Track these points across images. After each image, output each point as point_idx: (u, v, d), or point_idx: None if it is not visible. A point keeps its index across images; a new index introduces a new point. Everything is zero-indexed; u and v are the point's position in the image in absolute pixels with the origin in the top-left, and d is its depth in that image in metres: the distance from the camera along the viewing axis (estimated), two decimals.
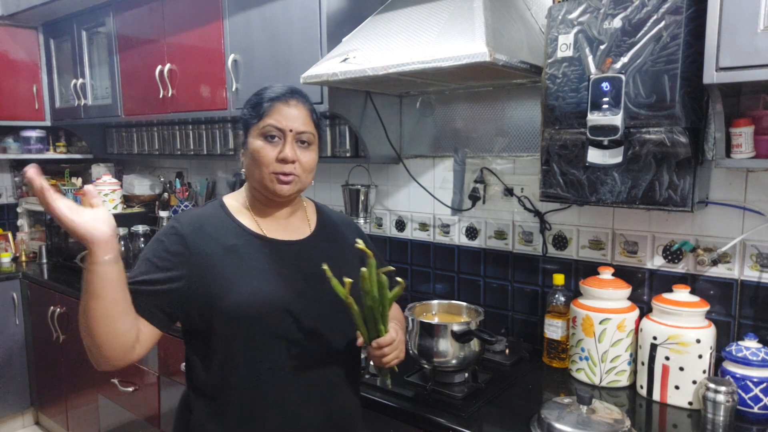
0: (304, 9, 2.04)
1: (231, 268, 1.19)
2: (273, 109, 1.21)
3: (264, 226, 1.28)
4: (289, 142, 1.21)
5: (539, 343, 1.94)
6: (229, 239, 1.22)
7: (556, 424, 1.30)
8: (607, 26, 1.43)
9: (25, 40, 3.49)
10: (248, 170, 1.26)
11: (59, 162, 3.82)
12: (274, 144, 1.21)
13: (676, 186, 1.40)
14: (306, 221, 1.36)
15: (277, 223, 1.30)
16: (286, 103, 1.22)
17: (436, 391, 1.59)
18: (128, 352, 1.11)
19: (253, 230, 1.26)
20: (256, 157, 1.21)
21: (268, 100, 1.22)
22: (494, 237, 2.10)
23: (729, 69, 1.22)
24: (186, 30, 2.56)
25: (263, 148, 1.20)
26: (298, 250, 1.28)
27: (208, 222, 1.24)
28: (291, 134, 1.21)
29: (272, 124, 1.20)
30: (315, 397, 1.24)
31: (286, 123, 1.20)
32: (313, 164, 1.26)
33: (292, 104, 1.22)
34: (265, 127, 1.20)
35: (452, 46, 1.51)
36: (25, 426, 3.48)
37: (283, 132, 1.20)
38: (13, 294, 3.27)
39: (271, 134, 1.20)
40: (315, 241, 1.33)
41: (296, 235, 1.31)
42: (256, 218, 1.28)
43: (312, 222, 1.37)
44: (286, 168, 1.20)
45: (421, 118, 2.26)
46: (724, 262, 1.61)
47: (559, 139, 1.56)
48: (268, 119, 1.20)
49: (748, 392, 1.42)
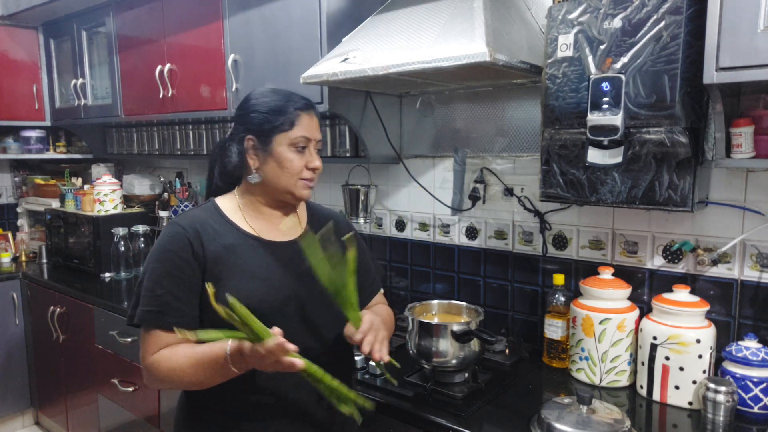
0: (304, 9, 2.04)
1: (231, 268, 1.23)
2: (301, 120, 1.27)
3: (257, 226, 1.32)
4: (314, 152, 1.30)
5: (539, 343, 1.94)
6: (227, 239, 1.26)
7: (556, 424, 1.30)
8: (607, 26, 1.43)
9: (25, 40, 3.49)
10: (271, 175, 1.29)
11: (59, 162, 3.83)
12: (301, 153, 1.28)
13: (676, 186, 1.40)
14: (296, 220, 1.41)
15: (270, 224, 1.35)
16: (309, 114, 1.29)
17: (436, 391, 1.59)
18: None
19: (248, 231, 1.30)
20: (287, 165, 1.27)
21: (294, 110, 1.27)
22: (494, 237, 2.10)
23: (729, 69, 1.22)
24: (186, 30, 2.56)
25: (294, 158, 1.27)
26: (292, 250, 1.31)
27: (206, 223, 1.27)
28: (313, 143, 1.30)
29: (303, 135, 1.27)
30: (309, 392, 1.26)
31: (312, 133, 1.29)
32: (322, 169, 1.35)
33: (313, 115, 1.30)
34: (297, 137, 1.26)
35: (452, 46, 1.51)
36: (25, 426, 3.48)
37: (310, 141, 1.29)
38: (13, 294, 3.27)
39: (302, 145, 1.27)
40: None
41: (289, 234, 1.35)
42: (249, 220, 1.33)
43: (303, 221, 1.42)
44: (313, 175, 1.31)
45: (421, 118, 2.26)
46: (724, 262, 1.61)
47: (559, 139, 1.56)
48: (299, 130, 1.26)
49: (748, 392, 1.42)
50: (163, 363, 1.19)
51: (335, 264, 1.21)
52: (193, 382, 1.18)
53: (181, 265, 1.21)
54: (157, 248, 1.24)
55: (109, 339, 2.58)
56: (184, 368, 1.16)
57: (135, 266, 3.06)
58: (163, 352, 1.20)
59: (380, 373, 1.71)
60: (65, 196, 3.36)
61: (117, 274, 3.03)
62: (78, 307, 2.82)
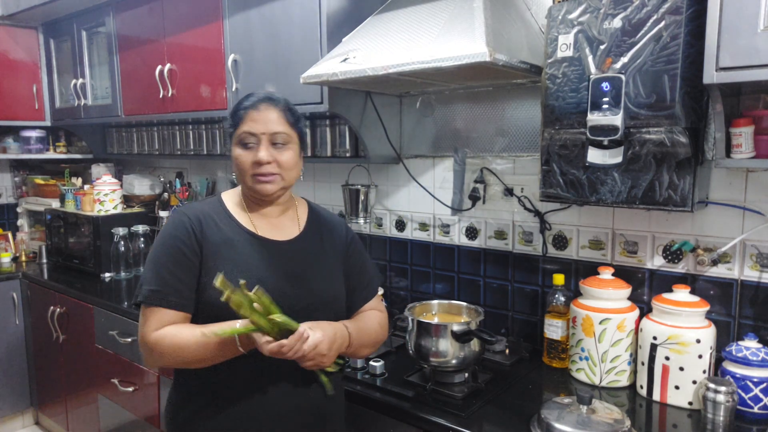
0: (304, 9, 2.04)
1: (226, 260, 1.28)
2: (246, 117, 1.30)
3: (256, 223, 1.36)
4: (264, 145, 1.30)
5: (539, 343, 1.94)
6: (228, 233, 1.32)
7: (556, 424, 1.30)
8: (607, 26, 1.43)
9: (25, 40, 3.49)
10: (236, 175, 1.37)
11: (59, 162, 3.82)
12: (250, 149, 1.30)
13: (676, 186, 1.40)
14: (296, 221, 1.43)
15: (269, 222, 1.38)
16: (256, 109, 1.30)
17: (436, 391, 1.59)
18: None
19: (247, 227, 1.35)
20: (237, 163, 1.32)
21: (241, 109, 1.32)
22: (494, 237, 2.10)
23: (729, 69, 1.22)
24: (186, 30, 2.56)
25: (241, 154, 1.31)
26: (285, 250, 1.36)
27: (209, 215, 1.33)
28: (264, 137, 1.30)
29: (246, 131, 1.30)
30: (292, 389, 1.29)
31: (257, 127, 1.29)
32: (292, 162, 1.34)
33: (263, 109, 1.31)
34: (241, 134, 1.30)
35: (452, 46, 1.51)
36: (25, 426, 3.48)
37: (257, 136, 1.30)
38: (13, 294, 3.27)
39: (247, 141, 1.30)
40: (301, 241, 1.40)
41: (285, 234, 1.38)
42: (250, 216, 1.37)
43: (302, 222, 1.44)
44: (263, 169, 1.30)
45: (421, 118, 2.26)
46: (724, 262, 1.61)
47: (559, 139, 1.56)
48: (243, 127, 1.30)
49: (748, 392, 1.42)
50: (167, 339, 1.23)
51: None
52: (197, 359, 1.22)
53: (183, 250, 1.27)
54: (162, 234, 1.30)
55: (109, 339, 2.58)
56: (189, 346, 1.21)
57: (135, 266, 3.06)
58: (168, 329, 1.24)
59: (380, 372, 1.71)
60: (65, 196, 3.36)
61: (117, 274, 3.03)
62: (78, 307, 2.82)
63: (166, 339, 1.23)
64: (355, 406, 1.64)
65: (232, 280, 1.18)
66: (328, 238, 1.45)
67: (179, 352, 1.22)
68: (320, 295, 1.35)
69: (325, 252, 1.42)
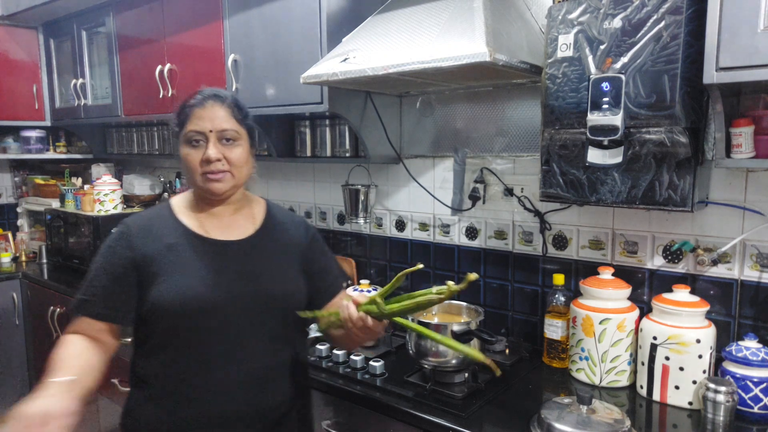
0: (304, 9, 2.04)
1: (168, 265, 1.25)
2: (192, 115, 1.28)
3: (206, 224, 1.33)
4: (212, 143, 1.27)
5: (539, 343, 1.94)
6: (170, 238, 1.29)
7: (556, 424, 1.30)
8: (607, 26, 1.43)
9: (25, 40, 3.49)
10: (185, 175, 1.34)
11: (59, 162, 3.82)
12: (198, 148, 1.27)
13: (676, 186, 1.40)
14: (252, 219, 1.39)
15: (220, 222, 1.35)
16: (202, 107, 1.28)
17: (436, 391, 1.59)
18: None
19: (193, 229, 1.31)
20: (186, 162, 1.29)
21: (187, 108, 1.29)
22: (494, 237, 2.10)
23: (729, 69, 1.22)
24: (186, 30, 2.56)
25: (189, 153, 1.28)
26: (236, 249, 1.32)
27: (154, 222, 1.32)
28: (212, 135, 1.27)
29: (193, 129, 1.27)
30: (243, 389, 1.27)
31: (204, 125, 1.26)
32: (242, 159, 1.31)
33: (209, 106, 1.28)
34: (187, 133, 1.28)
35: (452, 46, 1.51)
36: None
37: (204, 134, 1.27)
38: (13, 294, 3.27)
39: (195, 139, 1.27)
40: (256, 240, 1.36)
41: (238, 234, 1.35)
42: (199, 217, 1.34)
43: (258, 221, 1.40)
44: (213, 167, 1.26)
45: (421, 118, 2.26)
46: (724, 262, 1.61)
47: (559, 139, 1.56)
48: (189, 125, 1.27)
49: (748, 392, 1.42)
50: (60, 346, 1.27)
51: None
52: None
53: (116, 261, 1.26)
54: (103, 244, 1.30)
55: None
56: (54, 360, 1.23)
57: None
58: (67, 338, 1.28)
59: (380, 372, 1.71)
60: (65, 196, 3.35)
61: None
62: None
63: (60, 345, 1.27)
64: (355, 406, 1.64)
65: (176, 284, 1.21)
66: (285, 237, 1.40)
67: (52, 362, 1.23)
68: (274, 294, 1.31)
69: (281, 250, 1.38)
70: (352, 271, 2.51)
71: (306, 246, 1.43)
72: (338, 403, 1.69)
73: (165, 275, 1.24)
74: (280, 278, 1.35)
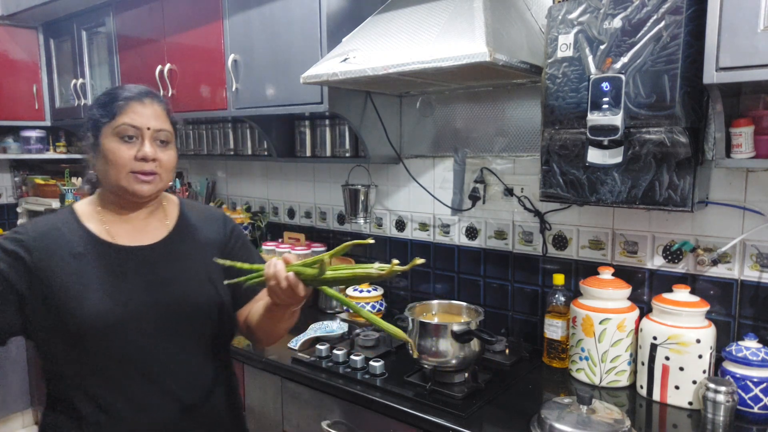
0: (304, 9, 2.04)
1: (73, 278, 1.14)
2: (128, 108, 1.17)
3: (115, 231, 1.22)
4: (148, 141, 1.17)
5: (539, 343, 1.94)
6: (76, 247, 1.17)
7: (556, 424, 1.30)
8: (607, 26, 1.43)
9: (25, 40, 3.49)
10: (102, 173, 1.20)
11: (59, 162, 3.82)
12: (131, 144, 1.17)
13: (676, 186, 1.40)
14: (164, 221, 1.29)
15: (132, 226, 1.24)
16: (140, 102, 1.18)
17: (436, 391, 1.59)
18: None
19: (100, 237, 1.20)
20: (112, 158, 1.16)
21: (122, 99, 1.17)
22: (494, 237, 2.10)
23: (729, 69, 1.22)
24: (186, 30, 2.56)
25: (119, 148, 1.16)
26: (147, 255, 1.22)
27: (54, 229, 1.18)
28: (149, 132, 1.18)
29: (128, 122, 1.16)
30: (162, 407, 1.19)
31: (142, 121, 1.17)
32: (173, 163, 1.23)
33: (147, 103, 1.19)
34: (121, 126, 1.16)
35: (452, 46, 1.51)
36: (25, 426, 3.48)
37: (140, 130, 1.17)
38: None
39: (128, 134, 1.16)
40: (169, 243, 1.26)
41: (150, 238, 1.25)
42: (107, 223, 1.22)
43: (171, 222, 1.30)
44: (146, 167, 1.17)
45: (421, 118, 2.26)
46: (724, 262, 1.61)
47: (559, 139, 1.56)
48: (123, 118, 1.16)
49: (748, 392, 1.42)
50: None
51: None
52: None
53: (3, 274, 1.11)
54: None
55: None
56: None
57: None
58: None
59: (380, 372, 1.71)
60: (65, 196, 3.36)
61: None
62: None
63: None
64: (355, 406, 1.64)
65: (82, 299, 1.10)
66: (202, 235, 1.31)
67: None
68: (192, 300, 1.22)
69: (198, 251, 1.29)
70: None
71: (223, 242, 1.34)
72: (338, 403, 1.69)
73: (69, 289, 1.12)
74: (196, 282, 1.25)
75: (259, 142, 2.63)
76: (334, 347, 1.85)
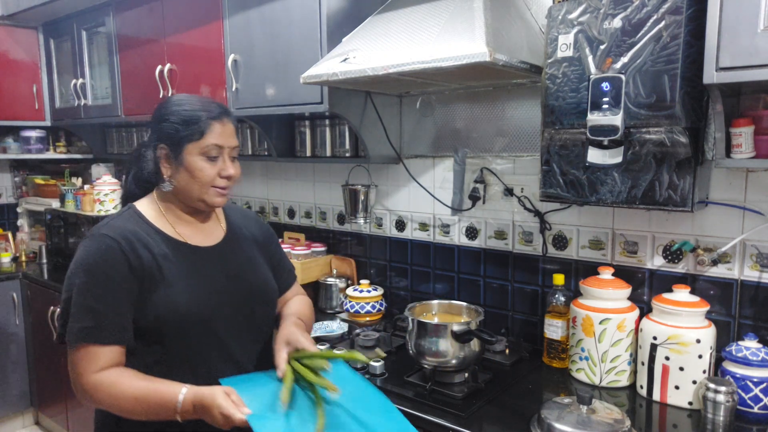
0: (304, 9, 2.04)
1: (165, 277, 1.23)
2: (212, 129, 1.26)
3: (183, 232, 1.32)
4: (227, 159, 1.29)
5: (539, 343, 1.94)
6: (159, 248, 1.26)
7: (556, 424, 1.30)
8: (607, 26, 1.43)
9: (25, 40, 3.49)
10: (183, 184, 1.28)
11: (59, 162, 3.83)
12: (214, 162, 1.27)
13: (676, 186, 1.40)
14: (218, 223, 1.42)
15: (195, 228, 1.35)
16: (221, 121, 1.27)
17: (436, 391, 1.59)
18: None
19: (176, 238, 1.30)
20: (199, 175, 1.26)
21: (206, 119, 1.25)
22: (494, 237, 2.10)
23: (729, 69, 1.22)
24: (186, 30, 2.56)
25: (205, 167, 1.26)
26: (218, 254, 1.35)
27: (135, 232, 1.25)
28: (226, 151, 1.29)
29: (213, 143, 1.25)
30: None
31: (225, 141, 1.27)
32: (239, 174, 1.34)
33: (226, 122, 1.29)
34: (208, 146, 1.25)
35: (452, 46, 1.51)
36: (25, 426, 3.48)
37: (222, 149, 1.28)
38: (13, 294, 3.27)
39: (213, 154, 1.26)
40: (228, 242, 1.39)
41: (212, 239, 1.37)
42: (174, 225, 1.32)
43: (223, 223, 1.43)
44: (227, 183, 1.30)
45: (421, 118, 2.26)
46: (724, 262, 1.61)
47: (559, 139, 1.56)
48: (210, 138, 1.25)
49: (748, 392, 1.42)
50: (105, 388, 1.14)
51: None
52: (132, 413, 1.15)
53: (117, 278, 1.17)
54: (85, 261, 1.18)
55: None
56: (127, 399, 1.13)
57: None
58: (108, 375, 1.15)
59: (380, 372, 1.71)
60: (65, 196, 3.36)
61: None
62: None
63: (104, 387, 1.14)
64: None
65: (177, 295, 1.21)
66: (248, 233, 1.45)
67: (115, 404, 1.15)
68: (259, 290, 1.38)
69: (249, 247, 1.43)
70: (353, 271, 2.52)
71: (263, 239, 1.48)
72: None
73: (164, 287, 1.21)
74: (261, 275, 1.41)
75: (259, 142, 2.63)
76: (334, 347, 1.85)
